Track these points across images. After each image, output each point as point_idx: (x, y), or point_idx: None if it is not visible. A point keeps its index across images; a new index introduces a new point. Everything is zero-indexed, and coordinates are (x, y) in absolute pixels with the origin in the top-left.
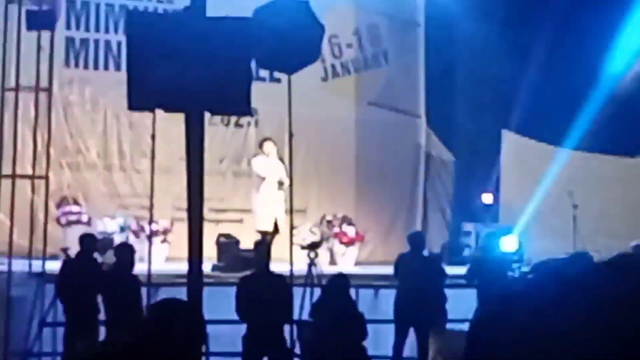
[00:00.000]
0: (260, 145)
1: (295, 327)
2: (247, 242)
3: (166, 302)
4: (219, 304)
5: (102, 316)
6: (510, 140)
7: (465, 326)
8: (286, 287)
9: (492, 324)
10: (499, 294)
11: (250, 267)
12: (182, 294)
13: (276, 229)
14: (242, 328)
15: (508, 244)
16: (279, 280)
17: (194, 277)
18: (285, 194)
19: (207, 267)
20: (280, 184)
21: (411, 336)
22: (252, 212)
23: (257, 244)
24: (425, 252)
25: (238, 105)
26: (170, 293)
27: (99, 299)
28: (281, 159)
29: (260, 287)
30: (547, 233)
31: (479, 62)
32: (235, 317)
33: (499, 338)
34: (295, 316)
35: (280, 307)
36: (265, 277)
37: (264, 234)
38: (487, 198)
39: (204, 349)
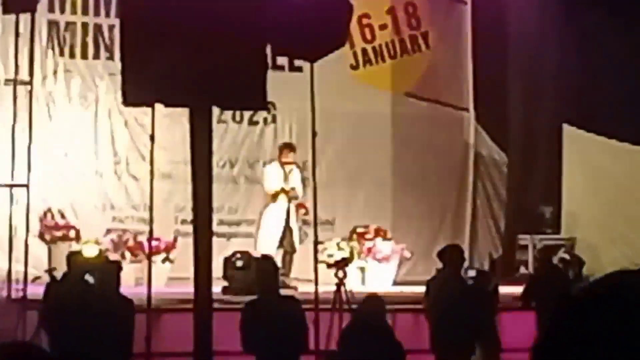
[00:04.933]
0: (280, 152)
1: None
2: None
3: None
4: (232, 332)
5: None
6: (572, 137)
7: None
8: (299, 311)
9: (562, 340)
10: (564, 307)
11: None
12: (188, 320)
13: (292, 249)
14: None
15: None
16: (290, 304)
17: (202, 301)
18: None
19: (217, 290)
20: (294, 198)
21: None
22: (256, 230)
23: (261, 262)
24: (473, 270)
25: (252, 98)
26: (174, 319)
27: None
28: (298, 166)
29: (268, 314)
30: (617, 245)
31: (535, 47)
32: None
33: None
34: (322, 346)
35: (293, 336)
36: (274, 300)
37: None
38: (547, 208)
39: None
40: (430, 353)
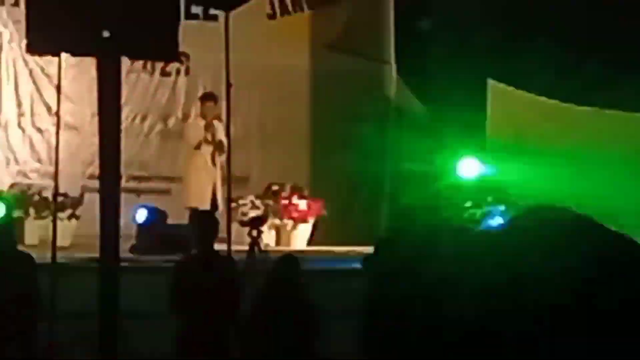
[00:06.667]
0: (202, 103)
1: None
2: (175, 216)
3: None
4: (139, 294)
5: None
6: (497, 92)
7: None
8: (236, 273)
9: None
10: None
11: (178, 248)
12: (94, 279)
13: (214, 206)
14: (168, 324)
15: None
16: (227, 265)
17: (108, 260)
18: (223, 160)
19: (124, 248)
20: (220, 149)
21: None
22: (183, 185)
23: (200, 216)
24: None
25: (163, 48)
26: (79, 279)
27: None
28: (221, 119)
29: (204, 273)
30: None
31: None
32: (159, 309)
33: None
34: None
35: (228, 300)
36: (210, 260)
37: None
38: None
39: None
40: (342, 318)
